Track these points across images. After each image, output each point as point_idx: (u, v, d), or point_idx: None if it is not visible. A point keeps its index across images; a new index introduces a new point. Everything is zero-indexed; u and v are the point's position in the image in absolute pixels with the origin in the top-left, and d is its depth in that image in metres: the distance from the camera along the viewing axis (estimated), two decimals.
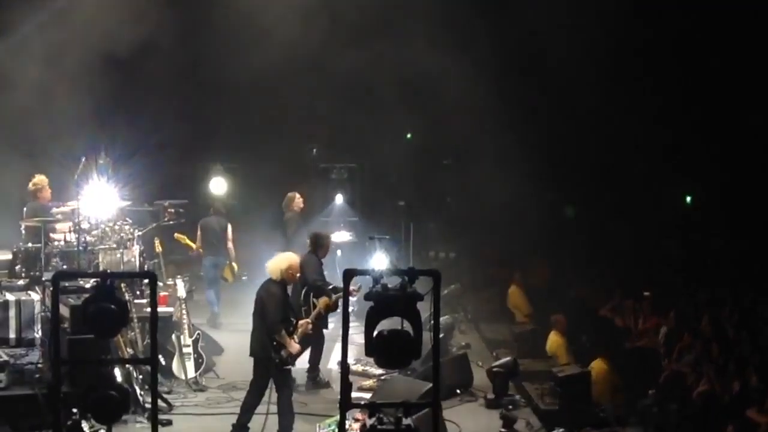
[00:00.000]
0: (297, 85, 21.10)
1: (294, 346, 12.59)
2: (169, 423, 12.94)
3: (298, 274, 13.08)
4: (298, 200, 18.50)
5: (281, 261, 12.83)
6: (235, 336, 15.90)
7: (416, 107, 21.68)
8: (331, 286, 14.41)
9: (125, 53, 18.93)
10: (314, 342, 14.67)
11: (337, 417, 8.71)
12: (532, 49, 20.71)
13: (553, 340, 16.87)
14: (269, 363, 12.47)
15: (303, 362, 14.57)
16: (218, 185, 20.64)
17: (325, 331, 14.91)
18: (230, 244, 17.98)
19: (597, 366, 15.41)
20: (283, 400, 12.56)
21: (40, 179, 16.26)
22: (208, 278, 18.19)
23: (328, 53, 20.67)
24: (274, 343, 12.40)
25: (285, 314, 12.64)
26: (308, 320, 13.39)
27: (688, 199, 23.61)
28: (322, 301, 14.21)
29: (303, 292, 14.43)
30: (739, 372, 13.99)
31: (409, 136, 22.18)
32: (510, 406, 14.06)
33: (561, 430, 11.64)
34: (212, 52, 21.19)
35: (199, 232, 18.21)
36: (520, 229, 21.44)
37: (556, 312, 17.32)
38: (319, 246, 14.98)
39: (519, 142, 21.42)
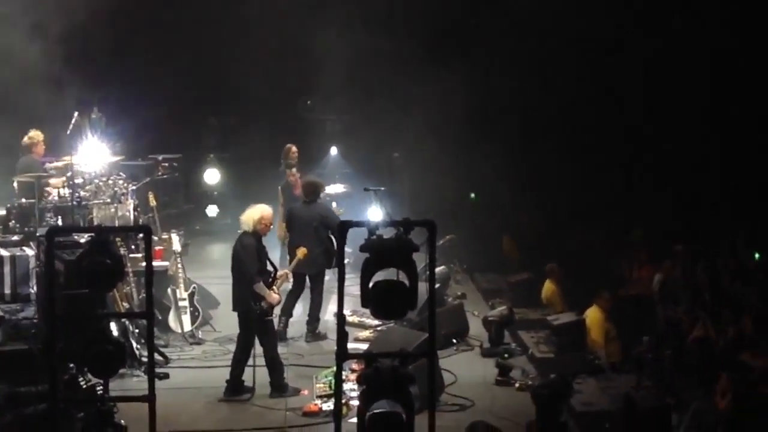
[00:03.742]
0: (292, 36, 20.95)
1: (273, 296, 12.62)
2: (166, 376, 12.99)
3: (271, 225, 13.07)
4: (293, 152, 18.48)
5: (254, 212, 12.82)
6: (230, 289, 15.89)
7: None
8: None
9: (118, 8, 18.86)
10: (314, 294, 14.74)
11: (334, 368, 8.72)
12: None
13: (548, 289, 16.88)
14: (251, 315, 12.51)
15: (302, 314, 14.65)
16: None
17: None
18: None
19: (592, 314, 15.44)
20: (268, 353, 12.61)
21: (35, 134, 16.16)
22: None
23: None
24: (254, 294, 12.45)
25: (262, 265, 12.65)
26: (287, 270, 13.47)
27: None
28: (300, 250, 14.21)
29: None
30: (734, 319, 14.02)
31: None
32: (506, 355, 14.14)
33: (556, 377, 11.66)
34: (204, 6, 21.07)
35: None
36: (512, 181, 21.32)
37: (550, 261, 17.31)
38: (318, 192, 15.12)
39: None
